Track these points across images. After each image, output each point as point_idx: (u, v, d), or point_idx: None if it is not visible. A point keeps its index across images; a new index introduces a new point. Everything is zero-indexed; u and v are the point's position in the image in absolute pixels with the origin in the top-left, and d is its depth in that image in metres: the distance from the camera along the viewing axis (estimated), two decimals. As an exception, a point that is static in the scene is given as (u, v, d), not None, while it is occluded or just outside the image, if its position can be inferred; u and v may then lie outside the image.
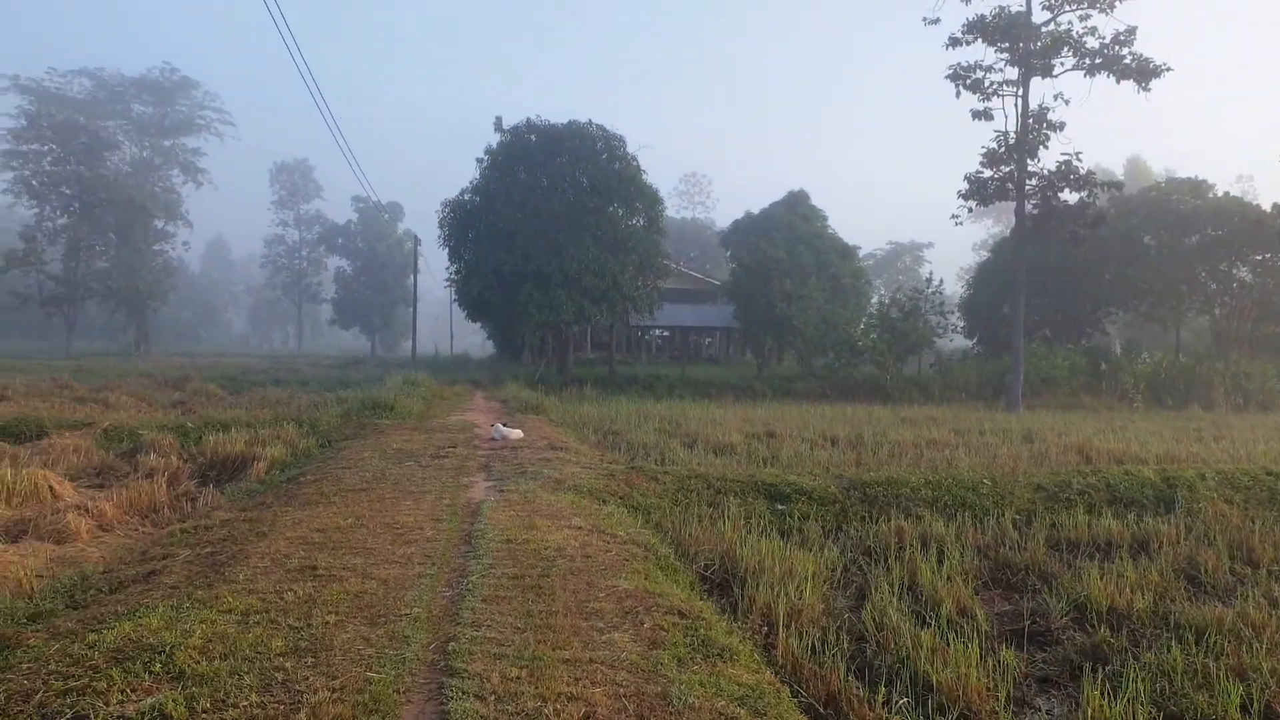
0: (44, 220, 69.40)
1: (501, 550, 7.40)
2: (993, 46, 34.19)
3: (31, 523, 9.98)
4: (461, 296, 41.10)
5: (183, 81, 79.11)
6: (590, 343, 52.71)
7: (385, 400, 21.39)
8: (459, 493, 10.34)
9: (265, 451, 14.33)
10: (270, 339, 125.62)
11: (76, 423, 17.70)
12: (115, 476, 13.70)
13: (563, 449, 14.68)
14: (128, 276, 69.10)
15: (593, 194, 36.87)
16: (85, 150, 70.51)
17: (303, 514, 9.06)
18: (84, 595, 6.56)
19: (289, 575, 6.58)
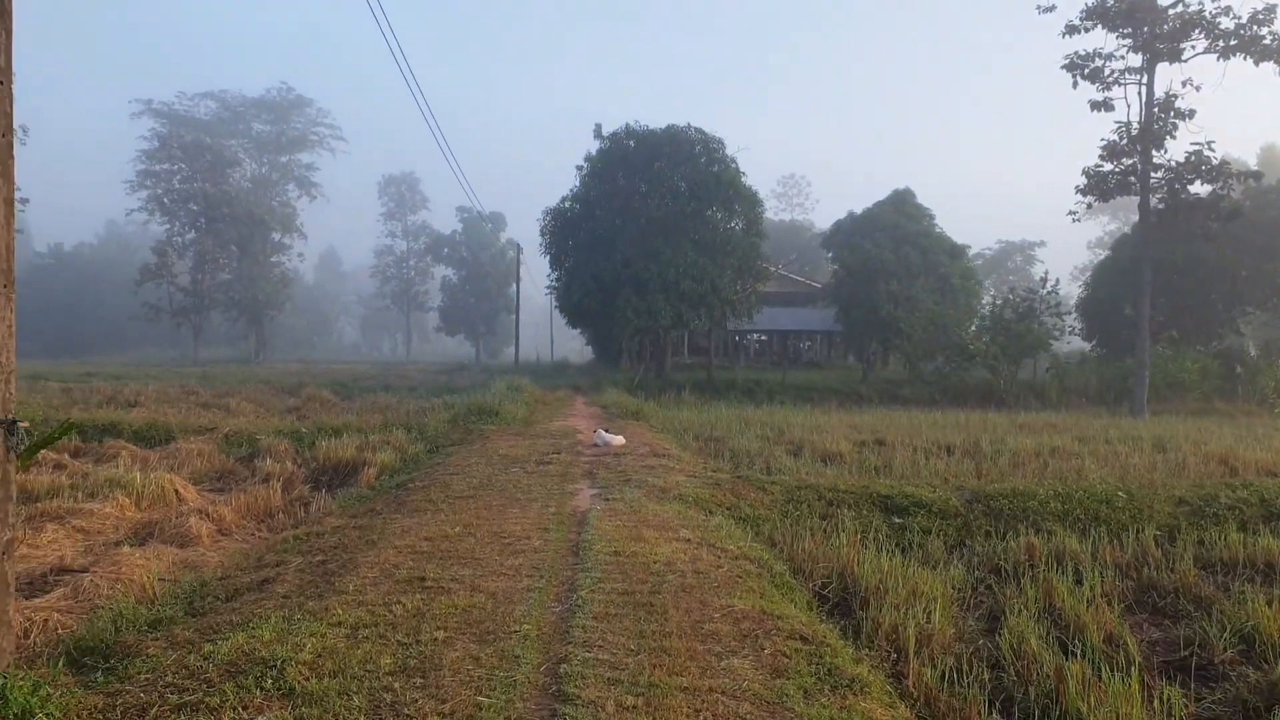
0: (174, 235, 73.40)
1: (610, 563, 7.17)
2: (1114, 33, 32.48)
3: (157, 526, 10.30)
4: (562, 303, 41.43)
5: (297, 100, 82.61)
6: (687, 348, 52.43)
7: (490, 406, 21.58)
8: (565, 500, 10.19)
9: (375, 457, 14.54)
10: (380, 346, 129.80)
11: (200, 428, 18.43)
12: (235, 480, 14.15)
13: (665, 456, 14.43)
14: (248, 287, 72.45)
15: (691, 198, 36.63)
16: (210, 168, 74.35)
17: (411, 521, 9.05)
18: (202, 602, 6.63)
19: (398, 586, 6.50)
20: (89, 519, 10.34)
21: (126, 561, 8.29)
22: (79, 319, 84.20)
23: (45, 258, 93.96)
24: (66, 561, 8.54)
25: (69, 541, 9.57)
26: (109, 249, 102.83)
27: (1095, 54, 32.70)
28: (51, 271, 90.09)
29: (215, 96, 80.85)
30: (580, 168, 39.76)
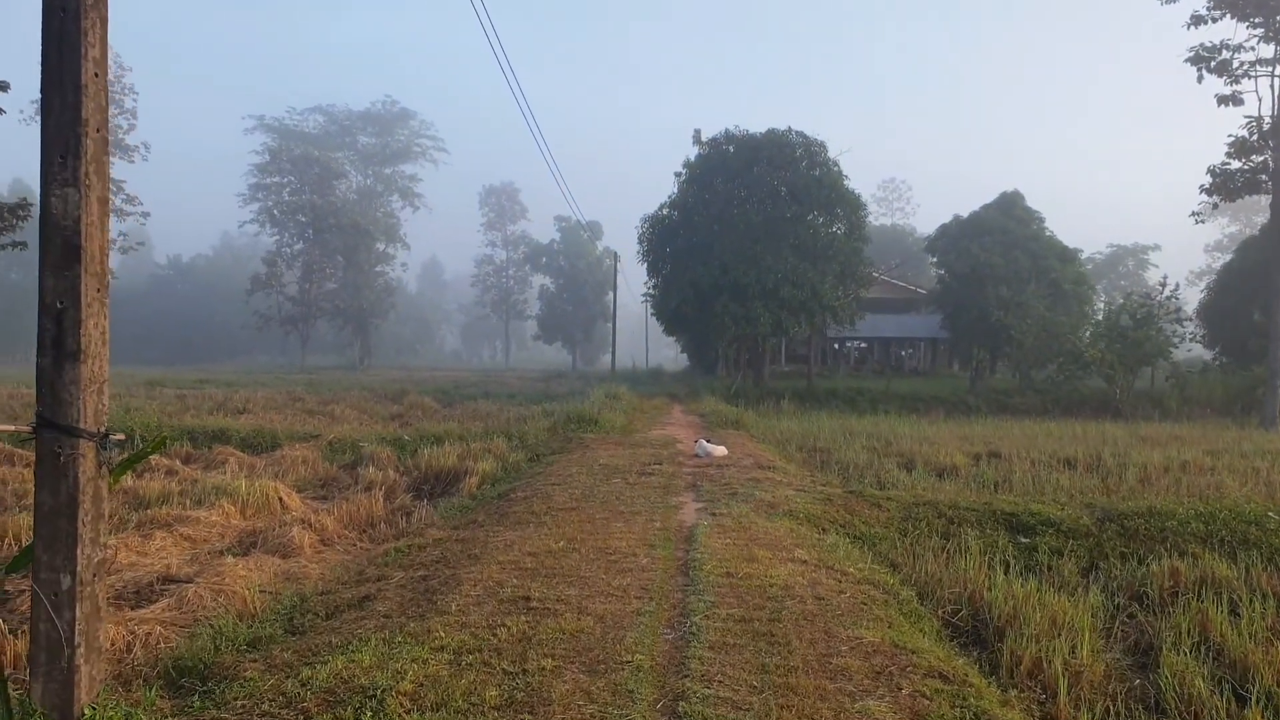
0: (283, 246, 76.27)
1: (723, 586, 6.69)
2: (1244, 22, 30.35)
3: (261, 535, 10.29)
4: (659, 310, 41.10)
5: (401, 113, 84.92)
6: (785, 355, 51.44)
7: (589, 414, 21.36)
8: (669, 514, 9.76)
9: (476, 466, 14.41)
10: (480, 354, 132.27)
11: (305, 435, 18.71)
12: (338, 488, 14.20)
13: (770, 468, 13.86)
14: (353, 296, 74.66)
15: (791, 202, 35.84)
16: (318, 181, 77.04)
17: (514, 535, 8.76)
18: (302, 619, 6.44)
19: (502, 607, 6.17)
20: (195, 527, 10.41)
21: (230, 572, 8.22)
22: (195, 327, 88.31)
23: (165, 269, 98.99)
24: (172, 571, 8.54)
25: (176, 549, 9.62)
26: (223, 260, 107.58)
27: (1223, 45, 30.65)
28: (170, 282, 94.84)
29: (323, 111, 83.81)
30: (678, 174, 39.44)
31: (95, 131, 3.62)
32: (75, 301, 3.56)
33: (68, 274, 3.56)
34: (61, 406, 3.56)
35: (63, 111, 3.56)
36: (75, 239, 3.56)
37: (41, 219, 3.61)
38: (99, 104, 3.65)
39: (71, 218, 3.56)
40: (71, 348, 3.56)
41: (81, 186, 3.57)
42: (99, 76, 3.64)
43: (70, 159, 3.56)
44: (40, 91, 3.64)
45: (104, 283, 3.69)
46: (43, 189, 3.60)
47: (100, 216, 3.67)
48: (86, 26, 3.57)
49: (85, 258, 3.57)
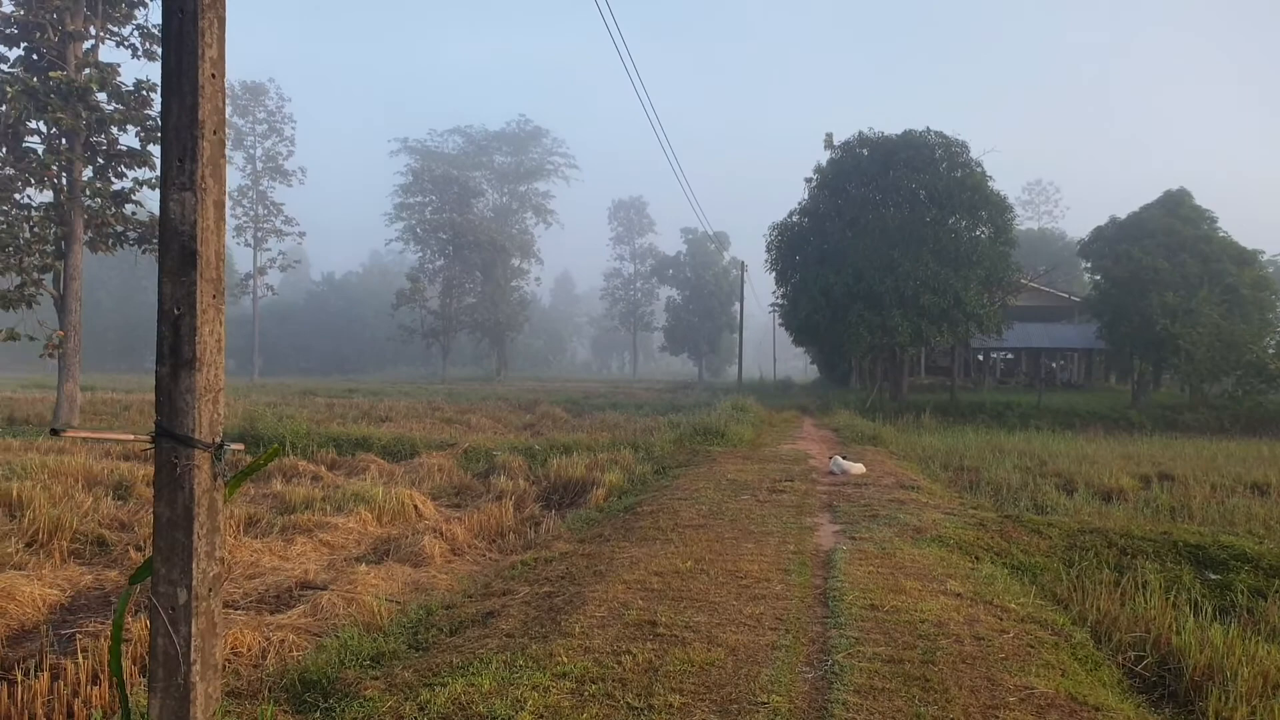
0: (425, 263, 79.25)
1: (867, 620, 6.15)
2: None
3: (395, 543, 10.38)
4: (788, 320, 40.21)
5: (535, 131, 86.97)
6: (924, 366, 49.38)
7: (716, 426, 20.94)
8: (804, 537, 9.22)
9: (604, 477, 14.23)
10: (609, 365, 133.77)
11: (442, 443, 19.07)
12: (470, 496, 14.31)
13: (913, 488, 13.05)
14: (490, 310, 76.80)
15: (931, 205, 34.37)
16: (457, 199, 79.79)
17: (640, 552, 8.44)
18: (426, 635, 6.29)
19: (627, 631, 5.83)
20: (334, 533, 10.59)
21: (362, 580, 8.24)
22: (346, 340, 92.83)
23: (320, 285, 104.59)
24: (310, 577, 8.64)
25: (315, 555, 9.78)
26: (371, 277, 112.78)
27: None
28: (324, 298, 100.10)
29: (461, 132, 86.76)
30: (809, 180, 38.53)
31: (212, 134, 3.52)
32: (191, 308, 3.45)
33: (184, 280, 3.46)
34: (178, 416, 3.46)
35: (180, 114, 3.47)
36: (191, 244, 3.46)
37: (160, 224, 3.53)
38: (216, 105, 3.54)
39: (188, 222, 3.46)
40: (187, 355, 3.46)
41: (198, 190, 3.46)
42: (216, 78, 3.54)
43: (188, 162, 3.46)
44: (160, 95, 3.56)
45: (220, 289, 3.57)
46: (162, 194, 3.52)
47: (216, 221, 3.56)
48: (204, 27, 3.48)
49: (201, 263, 3.46)
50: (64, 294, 21.56)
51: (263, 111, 73.54)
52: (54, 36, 21.09)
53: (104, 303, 61.21)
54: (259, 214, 72.31)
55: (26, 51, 21.38)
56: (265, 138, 73.74)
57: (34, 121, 20.84)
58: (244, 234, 72.45)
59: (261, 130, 73.67)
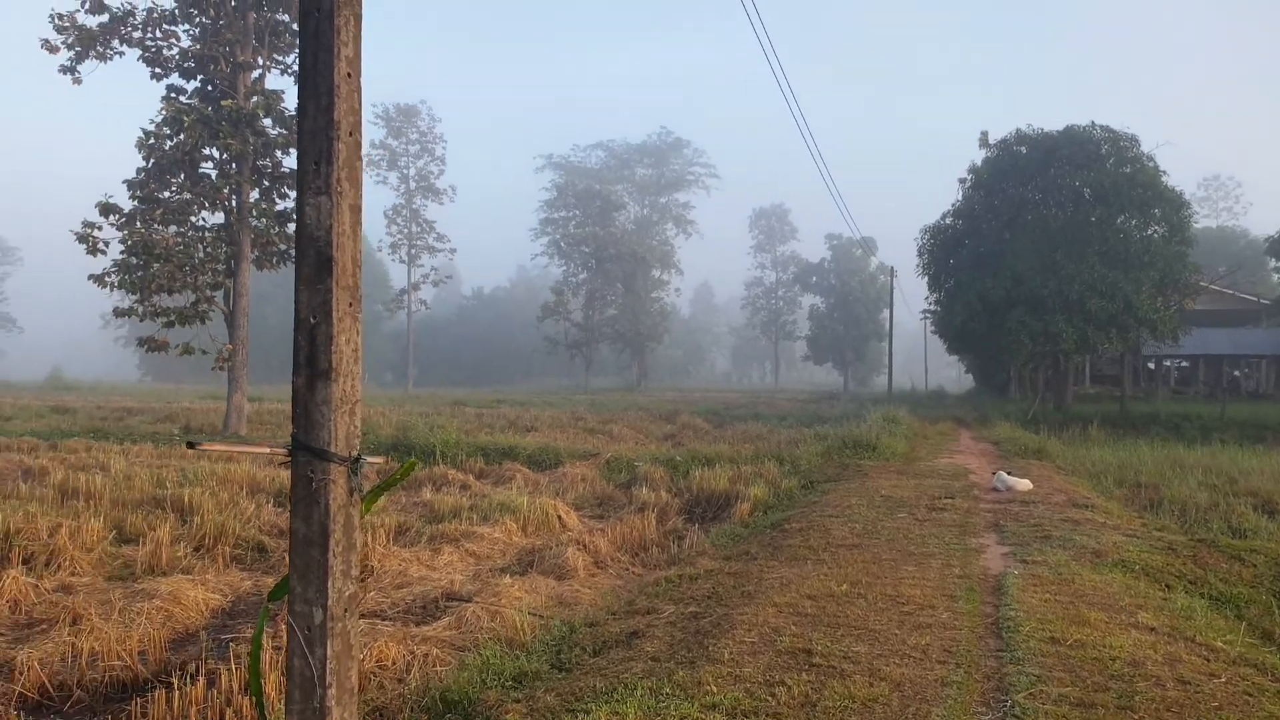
0: (569, 276, 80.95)
1: (1048, 655, 5.51)
2: None
3: (539, 554, 10.30)
4: (941, 327, 38.50)
5: (676, 143, 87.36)
6: (1089, 375, 46.21)
7: (866, 438, 20.09)
8: (969, 559, 8.53)
9: (748, 490, 13.81)
10: (749, 375, 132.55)
11: (585, 453, 19.12)
12: (613, 507, 14.18)
13: (1087, 506, 11.99)
14: (631, 321, 77.54)
15: (1096, 204, 32.11)
16: (599, 213, 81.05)
17: (791, 572, 8.00)
18: (569, 654, 6.08)
19: (780, 659, 5.44)
20: (480, 543, 10.64)
21: (506, 593, 8.17)
22: (495, 352, 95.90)
23: (470, 300, 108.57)
24: (455, 587, 8.64)
25: (461, 565, 9.83)
26: (518, 291, 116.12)
27: None
28: (474, 312, 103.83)
29: (604, 146, 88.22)
30: (963, 180, 36.81)
31: (348, 135, 3.40)
32: (327, 316, 3.34)
33: (319, 287, 3.35)
34: (314, 428, 3.35)
35: (316, 115, 3.37)
36: (327, 250, 3.34)
37: (296, 231, 3.44)
38: (351, 106, 3.43)
39: (323, 228, 3.35)
40: (323, 366, 3.34)
41: (333, 194, 3.34)
42: (352, 77, 3.42)
43: (323, 165, 3.36)
44: (297, 98, 3.48)
45: (356, 296, 3.44)
46: (298, 200, 3.43)
47: (352, 226, 3.43)
48: (340, 24, 3.37)
49: (337, 269, 3.34)
50: (233, 310, 22.99)
51: (415, 132, 77.04)
52: (226, 68, 22.58)
53: (270, 318, 65.49)
54: (412, 231, 75.69)
55: (202, 83, 23.02)
56: (418, 158, 77.24)
57: (208, 148, 22.38)
58: (399, 251, 75.99)
59: (414, 150, 77.19)
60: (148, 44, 23.00)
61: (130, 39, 22.86)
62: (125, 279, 22.02)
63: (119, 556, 9.24)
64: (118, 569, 8.87)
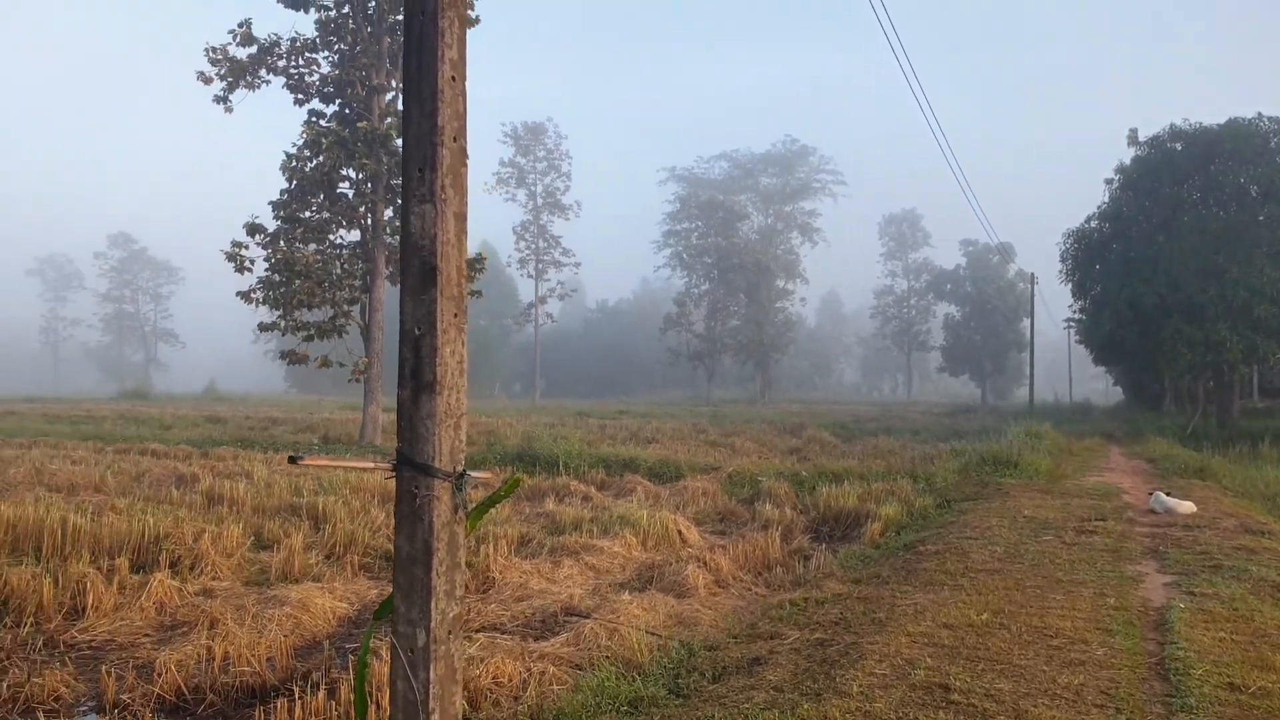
0: (691, 287, 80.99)
1: (1227, 704, 4.89)
2: None
3: (658, 570, 10.09)
4: (1087, 336, 36.34)
5: (801, 150, 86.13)
6: (1256, 388, 42.57)
7: (1007, 455, 19.01)
8: (1126, 589, 7.81)
9: (879, 509, 13.20)
10: (879, 387, 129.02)
11: (706, 466, 18.83)
12: (735, 523, 13.83)
13: (1263, 533, 10.87)
14: (754, 332, 76.78)
15: (1265, 201, 29.56)
16: (722, 223, 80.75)
17: (925, 598, 7.51)
18: (687, 680, 5.82)
19: (914, 695, 5.03)
20: (599, 556, 10.51)
21: (624, 610, 7.98)
22: (619, 364, 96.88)
23: (594, 313, 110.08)
24: (574, 602, 8.53)
25: (581, 579, 9.72)
26: (641, 303, 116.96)
27: None
28: (598, 324, 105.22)
29: (727, 157, 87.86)
30: (1109, 181, 34.66)
31: (452, 140, 3.28)
32: (431, 328, 3.22)
33: (424, 298, 3.24)
34: (418, 443, 3.23)
35: (420, 121, 3.27)
36: (431, 260, 3.23)
37: (401, 241, 3.35)
38: (456, 110, 3.31)
39: (428, 236, 3.24)
40: (428, 378, 3.22)
41: (437, 202, 3.23)
42: (456, 80, 3.31)
43: (427, 172, 3.25)
44: (402, 105, 3.39)
45: (461, 307, 3.31)
46: (403, 209, 3.34)
47: (457, 234, 3.31)
48: (444, 26, 3.26)
49: (441, 279, 3.22)
50: (368, 324, 23.87)
51: (542, 150, 78.86)
52: (361, 91, 23.55)
53: (406, 332, 68.51)
54: (539, 247, 77.40)
55: (340, 106, 24.12)
56: (545, 174, 79.00)
57: (345, 169, 23.39)
58: (526, 266, 77.88)
59: (541, 168, 79.00)
60: (291, 72, 24.30)
61: (276, 68, 24.20)
62: (269, 295, 23.21)
63: (256, 562, 9.57)
64: (254, 574, 9.17)
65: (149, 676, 5.94)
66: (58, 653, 6.57)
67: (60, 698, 5.61)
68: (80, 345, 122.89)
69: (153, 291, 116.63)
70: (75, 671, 6.02)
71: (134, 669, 6.11)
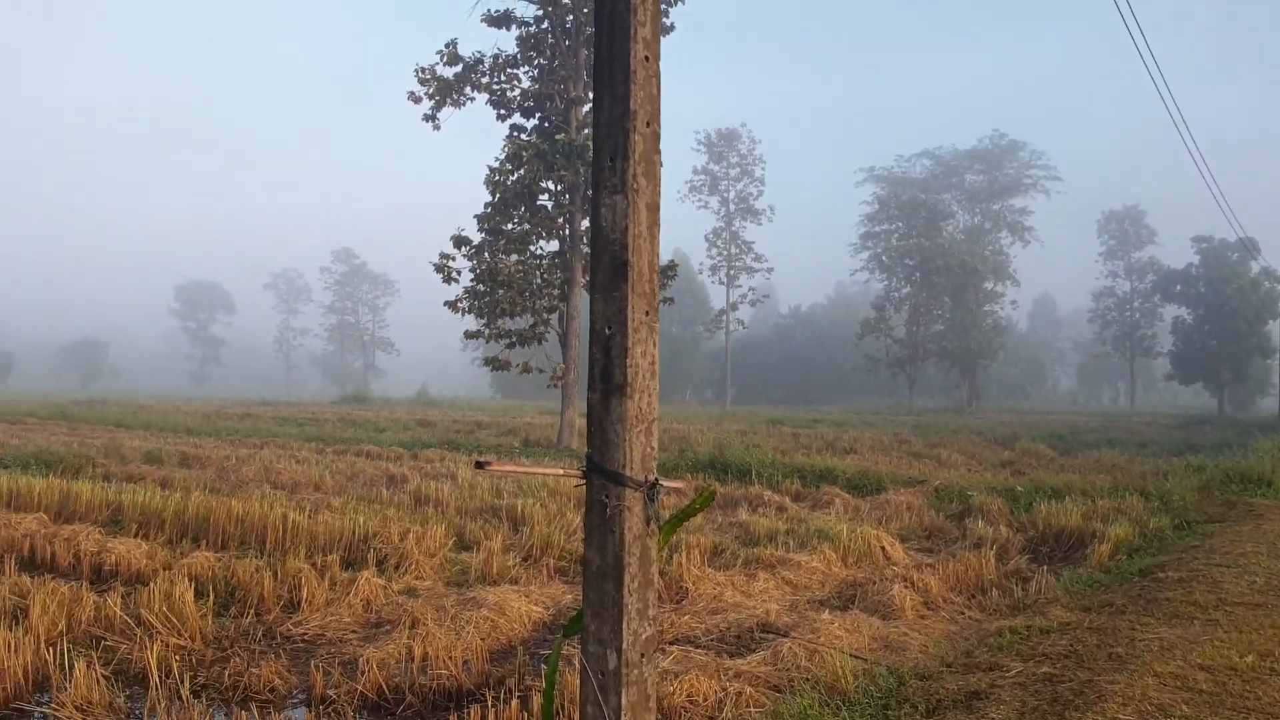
0: (891, 291, 78.15)
1: None
2: None
3: (860, 588, 9.56)
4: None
5: (1010, 145, 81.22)
6: None
7: (1258, 471, 16.83)
8: None
9: (1106, 529, 11.96)
10: (1098, 396, 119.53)
11: (910, 479, 17.88)
12: (943, 541, 12.96)
13: None
14: (960, 337, 72.99)
15: None
16: (925, 224, 77.44)
17: (1173, 634, 6.60)
18: (897, 711, 5.35)
19: (1170, 753, 4.33)
20: (796, 571, 10.09)
21: (826, 629, 7.55)
22: (812, 371, 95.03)
23: (787, 319, 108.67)
24: (771, 619, 8.18)
25: (776, 593, 9.34)
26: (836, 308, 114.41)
27: None
28: (791, 330, 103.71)
29: (930, 154, 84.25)
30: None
31: (645, 126, 3.07)
32: (622, 327, 3.01)
33: (614, 295, 3.04)
34: (608, 449, 3.03)
35: (611, 106, 3.07)
36: (622, 254, 3.02)
37: (591, 235, 3.16)
38: (649, 93, 3.09)
39: (619, 229, 3.03)
40: (618, 380, 3.01)
41: (629, 192, 3.02)
42: (650, 61, 3.09)
43: (619, 160, 3.05)
44: (592, 91, 3.21)
45: (653, 304, 3.09)
46: (593, 201, 3.15)
47: (650, 226, 3.09)
48: (635, 3, 3.05)
49: (632, 274, 3.01)
50: (566, 331, 24.48)
51: (735, 155, 78.82)
52: (560, 104, 24.25)
53: (602, 339, 70.52)
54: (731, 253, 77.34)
55: (540, 120, 24.96)
56: (737, 180, 78.90)
57: (545, 181, 24.14)
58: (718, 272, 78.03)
59: (734, 174, 78.96)
60: (494, 88, 25.42)
61: (479, 84, 25.39)
62: (474, 304, 24.31)
63: (457, 563, 9.85)
64: (455, 575, 9.43)
65: (353, 673, 6.13)
66: (274, 644, 6.95)
67: (274, 689, 5.89)
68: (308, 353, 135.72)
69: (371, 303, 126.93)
70: (288, 664, 6.32)
71: (339, 665, 6.34)
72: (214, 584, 8.29)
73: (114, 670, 6.13)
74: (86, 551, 9.38)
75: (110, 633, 6.79)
